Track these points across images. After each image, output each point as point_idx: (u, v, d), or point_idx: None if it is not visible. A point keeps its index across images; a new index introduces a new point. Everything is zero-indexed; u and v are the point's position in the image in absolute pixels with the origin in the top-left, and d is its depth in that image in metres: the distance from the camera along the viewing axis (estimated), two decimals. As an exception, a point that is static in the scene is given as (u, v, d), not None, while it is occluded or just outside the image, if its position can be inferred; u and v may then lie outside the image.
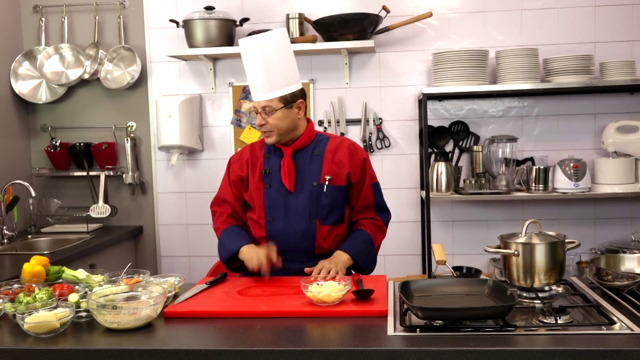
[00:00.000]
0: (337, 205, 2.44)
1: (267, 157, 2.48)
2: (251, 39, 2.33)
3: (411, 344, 1.66)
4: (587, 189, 3.49)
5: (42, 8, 4.02)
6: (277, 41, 2.35)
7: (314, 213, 2.41)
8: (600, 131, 3.68)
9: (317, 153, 2.45)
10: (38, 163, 4.11)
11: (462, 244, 3.86)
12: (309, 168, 2.43)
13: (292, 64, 2.39)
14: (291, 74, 2.38)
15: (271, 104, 2.33)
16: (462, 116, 3.81)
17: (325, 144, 2.48)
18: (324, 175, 2.42)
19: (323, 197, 2.41)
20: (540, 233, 2.08)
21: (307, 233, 2.41)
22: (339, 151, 2.46)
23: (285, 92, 2.34)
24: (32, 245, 3.59)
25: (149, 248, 4.08)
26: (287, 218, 2.41)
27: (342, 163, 2.44)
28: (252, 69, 2.33)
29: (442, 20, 3.78)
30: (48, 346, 1.73)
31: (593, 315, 1.88)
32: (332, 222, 2.44)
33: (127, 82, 3.90)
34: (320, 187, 2.41)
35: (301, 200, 2.41)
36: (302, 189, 2.41)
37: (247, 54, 2.34)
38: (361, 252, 2.42)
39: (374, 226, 2.51)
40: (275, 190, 2.43)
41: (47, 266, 2.27)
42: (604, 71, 3.50)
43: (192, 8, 3.81)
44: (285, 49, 2.37)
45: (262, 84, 2.32)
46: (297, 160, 2.43)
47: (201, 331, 1.85)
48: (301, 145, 2.44)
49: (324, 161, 2.44)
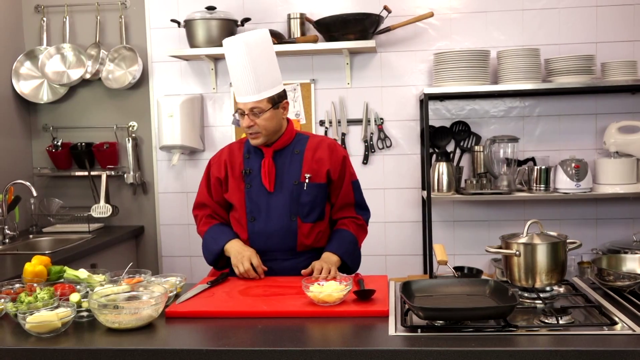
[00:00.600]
0: (318, 202, 2.46)
1: (247, 157, 2.48)
2: (237, 39, 2.31)
3: (412, 344, 1.66)
4: (588, 189, 3.49)
5: (43, 8, 4.02)
6: (262, 42, 2.35)
7: (295, 211, 2.42)
8: (601, 131, 3.67)
9: (297, 152, 2.46)
10: (39, 163, 4.12)
11: (463, 244, 3.86)
12: (289, 167, 2.44)
13: (276, 65, 2.40)
14: (276, 75, 2.39)
15: (260, 105, 2.33)
16: (463, 116, 3.81)
17: (305, 143, 2.49)
18: (304, 174, 2.43)
19: (304, 195, 2.42)
20: (541, 233, 2.08)
21: (289, 231, 2.42)
22: (319, 149, 2.47)
23: (273, 92, 2.35)
24: (34, 245, 3.60)
25: (150, 248, 4.09)
26: (268, 217, 2.42)
27: (321, 161, 2.45)
28: (239, 69, 2.32)
29: (443, 20, 3.77)
30: (49, 346, 1.73)
31: (594, 315, 1.88)
32: (314, 219, 2.45)
33: (129, 82, 3.91)
34: (300, 185, 2.42)
35: (282, 199, 2.42)
36: (281, 188, 2.42)
37: (233, 55, 2.33)
38: (348, 252, 2.45)
39: (356, 225, 2.53)
40: (256, 190, 2.43)
41: (48, 266, 2.27)
42: (605, 71, 3.50)
43: (193, 8, 3.81)
44: (270, 50, 2.38)
45: (250, 85, 2.31)
46: (277, 160, 2.44)
47: (202, 331, 1.85)
48: (282, 145, 2.45)
49: (303, 160, 2.45)
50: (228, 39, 2.35)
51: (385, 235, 3.90)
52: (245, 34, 2.34)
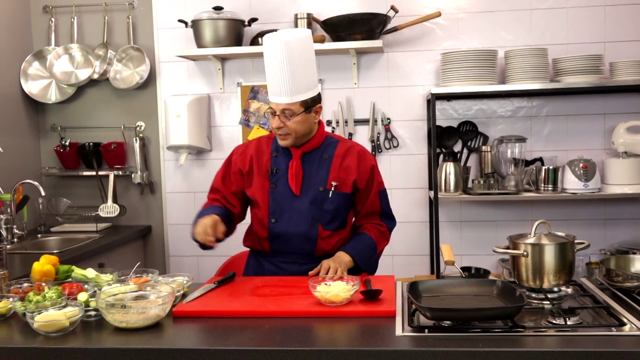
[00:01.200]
0: (341, 211, 2.43)
1: (274, 156, 2.44)
2: (278, 38, 2.23)
3: (419, 345, 1.65)
4: (596, 190, 3.47)
5: (51, 8, 4.04)
6: (304, 43, 2.28)
7: (317, 217, 2.39)
8: (610, 131, 3.66)
9: (325, 157, 2.42)
10: (48, 163, 4.14)
11: (470, 244, 3.85)
12: (316, 172, 2.40)
13: (314, 68, 2.34)
14: (313, 78, 2.33)
15: (292, 108, 2.27)
16: (470, 116, 3.80)
17: (335, 148, 2.44)
18: (330, 181, 2.39)
19: (328, 203, 2.39)
20: (549, 234, 2.07)
21: (309, 236, 2.40)
22: (348, 157, 2.43)
23: (307, 96, 2.30)
24: (42, 244, 3.61)
25: (158, 247, 4.10)
26: (290, 220, 2.39)
27: (349, 169, 2.41)
28: (276, 70, 2.25)
29: (450, 20, 3.77)
30: (57, 345, 1.74)
31: (603, 316, 1.87)
32: (335, 227, 2.43)
33: (136, 82, 3.92)
34: (325, 192, 2.39)
35: (305, 204, 2.38)
36: (307, 192, 2.39)
37: (272, 53, 2.25)
38: (363, 255, 2.41)
39: (378, 231, 2.50)
40: (281, 192, 2.40)
41: (56, 265, 2.28)
42: (613, 71, 3.48)
43: (200, 8, 3.82)
44: (310, 52, 2.32)
45: (285, 87, 2.25)
46: (305, 163, 2.40)
47: (209, 331, 1.86)
48: (311, 148, 2.41)
49: (331, 166, 2.41)
50: (269, 35, 2.26)
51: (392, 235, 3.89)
52: (287, 32, 2.27)
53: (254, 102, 3.91)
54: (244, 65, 3.93)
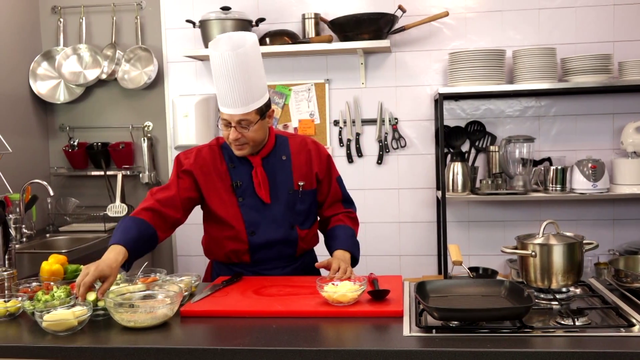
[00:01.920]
0: (312, 208, 2.46)
1: (232, 167, 2.35)
2: (226, 47, 2.14)
3: (427, 345, 1.65)
4: (605, 190, 3.46)
5: (60, 9, 4.06)
6: (252, 49, 2.17)
7: (293, 220, 2.39)
8: (619, 131, 3.64)
9: (284, 158, 2.38)
10: (56, 162, 4.15)
11: (478, 244, 3.84)
12: (280, 175, 2.37)
13: (263, 72, 2.25)
14: (263, 83, 2.24)
15: (248, 117, 2.18)
16: (478, 116, 3.79)
17: (288, 146, 2.41)
18: (296, 182, 2.38)
19: (299, 204, 2.39)
20: (557, 234, 2.06)
21: (289, 240, 2.39)
22: (303, 151, 2.41)
23: (261, 103, 2.22)
24: (50, 244, 3.63)
25: (166, 247, 4.11)
26: (267, 229, 2.35)
27: (309, 164, 2.41)
28: (228, 80, 2.14)
29: (458, 20, 3.76)
30: (66, 344, 1.75)
31: (611, 317, 1.86)
32: (310, 225, 2.45)
33: (144, 82, 3.93)
34: (295, 193, 2.38)
35: (279, 210, 2.36)
36: (277, 198, 2.36)
37: (221, 64, 2.14)
38: (355, 246, 2.44)
39: (350, 219, 2.53)
40: (251, 204, 2.34)
41: (65, 265, 2.29)
42: (622, 70, 3.46)
43: (208, 8, 3.82)
44: (259, 57, 2.23)
45: (239, 97, 2.15)
46: (266, 168, 2.35)
47: (217, 330, 1.86)
48: (268, 152, 2.36)
49: (292, 166, 2.39)
50: (214, 42, 2.17)
51: (399, 235, 3.90)
52: (233, 37, 2.17)
53: (262, 102, 3.90)
54: (252, 65, 3.93)
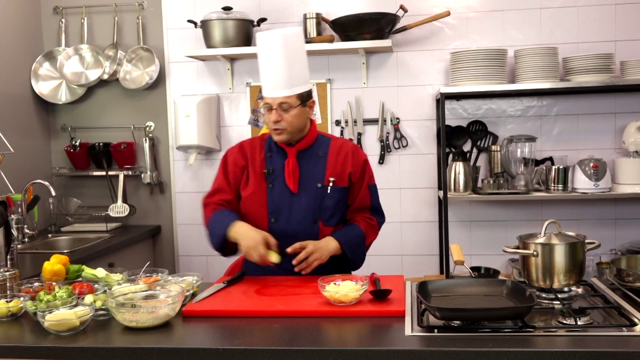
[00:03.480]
0: (340, 206, 2.45)
1: (269, 156, 2.44)
2: (275, 32, 2.30)
3: (429, 345, 1.65)
4: (607, 189, 3.45)
5: (62, 9, 4.06)
6: (297, 39, 2.34)
7: (318, 215, 2.40)
8: (620, 131, 3.63)
9: (320, 154, 2.43)
10: (58, 163, 4.16)
11: (480, 244, 3.84)
12: (313, 169, 2.42)
13: (307, 63, 2.39)
14: (306, 73, 2.38)
15: (289, 101, 2.30)
16: (480, 116, 3.79)
17: (328, 146, 2.46)
18: (327, 177, 2.41)
19: (327, 199, 2.40)
20: (559, 233, 2.06)
21: (310, 234, 2.39)
22: (341, 153, 2.45)
23: (303, 89, 2.34)
24: (52, 244, 3.63)
25: (167, 247, 4.11)
26: (290, 219, 2.39)
27: (344, 164, 2.43)
28: (272, 63, 2.30)
29: (460, 20, 3.76)
30: (68, 344, 1.75)
31: (613, 316, 1.86)
32: (335, 223, 2.44)
33: (146, 82, 3.93)
34: (324, 188, 2.40)
35: (305, 202, 2.39)
36: (305, 190, 2.39)
37: (267, 48, 2.31)
38: (351, 244, 2.40)
39: (367, 224, 2.50)
40: (279, 191, 2.40)
41: (67, 265, 2.29)
42: (624, 70, 3.46)
43: (209, 8, 3.82)
44: (303, 48, 2.38)
45: (282, 80, 2.29)
46: (301, 161, 2.41)
47: (219, 330, 1.86)
48: (305, 146, 2.42)
49: (327, 163, 2.43)
50: (264, 32, 2.33)
51: (401, 235, 3.89)
52: (282, 29, 2.33)
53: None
54: (253, 66, 3.93)
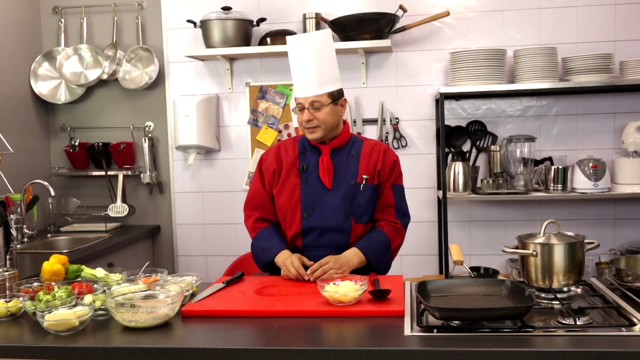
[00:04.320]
0: (372, 204, 2.48)
1: (303, 154, 2.50)
2: (305, 35, 2.41)
3: (428, 345, 1.65)
4: (606, 189, 3.46)
5: (61, 9, 4.06)
6: (327, 40, 2.43)
7: (350, 211, 2.43)
8: (620, 131, 3.63)
9: (353, 153, 2.49)
10: (57, 163, 4.16)
11: (479, 244, 3.84)
12: (346, 167, 2.46)
13: (336, 64, 2.46)
14: (337, 73, 2.45)
15: (320, 99, 2.37)
16: (479, 116, 3.79)
17: (361, 146, 2.52)
18: (360, 175, 2.45)
19: (360, 196, 2.44)
20: (559, 233, 2.06)
21: (342, 230, 2.43)
22: (374, 152, 2.51)
23: (333, 88, 2.41)
24: (52, 244, 3.63)
25: (167, 247, 4.11)
26: (322, 214, 2.43)
27: (376, 162, 2.48)
28: (303, 64, 2.37)
29: (459, 20, 3.76)
30: (67, 344, 1.75)
31: (613, 316, 1.86)
32: (366, 220, 2.47)
33: (145, 82, 3.93)
34: (357, 185, 2.44)
35: (338, 198, 2.43)
36: (339, 186, 2.44)
37: (298, 50, 2.39)
38: (376, 252, 2.42)
39: (393, 228, 2.49)
40: (312, 187, 2.44)
41: (66, 265, 2.29)
42: (624, 70, 3.46)
43: (209, 8, 3.82)
44: (332, 48, 2.46)
45: (313, 80, 2.36)
46: (335, 158, 2.46)
47: (218, 330, 1.86)
48: (339, 145, 2.48)
49: (360, 161, 2.47)
50: (294, 36, 2.43)
51: (400, 235, 3.89)
52: (311, 32, 2.45)
53: (263, 102, 3.91)
54: (253, 66, 3.94)
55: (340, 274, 2.25)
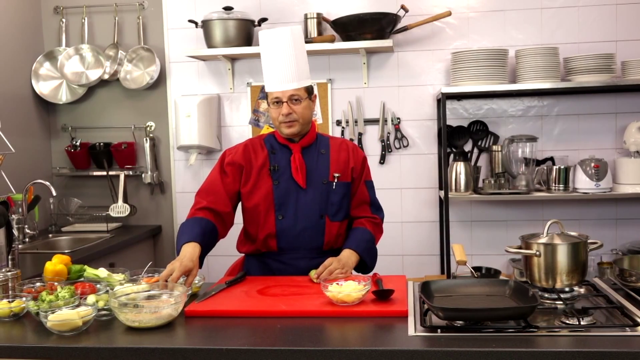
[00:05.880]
0: (345, 201, 2.48)
1: (273, 153, 2.46)
2: (280, 30, 2.38)
3: (432, 345, 1.65)
4: (608, 189, 3.46)
5: (62, 9, 4.06)
6: (301, 35, 2.43)
7: (324, 210, 2.43)
8: (621, 131, 3.63)
9: (322, 152, 2.49)
10: (59, 163, 4.15)
11: (480, 244, 3.84)
12: (317, 165, 2.46)
13: (307, 60, 2.45)
14: (308, 68, 2.45)
15: (299, 93, 2.37)
16: (481, 116, 3.79)
17: (328, 144, 2.53)
18: (332, 173, 2.45)
19: (333, 194, 2.44)
20: (562, 233, 2.06)
21: (317, 230, 2.43)
22: (342, 150, 2.52)
23: (308, 82, 2.42)
24: (53, 244, 3.63)
25: (168, 247, 4.11)
26: (296, 215, 2.42)
27: (347, 160, 2.49)
28: (281, 58, 2.36)
29: (461, 20, 3.75)
30: (70, 344, 1.75)
31: (616, 316, 1.85)
32: (341, 218, 2.47)
33: (146, 82, 3.93)
34: (329, 184, 2.44)
35: (311, 197, 2.42)
36: (311, 185, 2.43)
37: (275, 44, 2.37)
38: (368, 250, 2.45)
39: (373, 224, 2.54)
40: (285, 187, 2.42)
41: (68, 265, 2.29)
42: (625, 70, 3.46)
43: (210, 8, 3.82)
44: (303, 45, 2.45)
45: (292, 73, 2.35)
46: (305, 157, 2.45)
47: (222, 330, 1.86)
48: (308, 143, 2.48)
49: (330, 160, 2.48)
50: (267, 30, 2.40)
51: (402, 235, 3.89)
52: (284, 27, 2.40)
53: (264, 102, 3.91)
54: (254, 65, 3.93)
55: (344, 274, 2.25)
